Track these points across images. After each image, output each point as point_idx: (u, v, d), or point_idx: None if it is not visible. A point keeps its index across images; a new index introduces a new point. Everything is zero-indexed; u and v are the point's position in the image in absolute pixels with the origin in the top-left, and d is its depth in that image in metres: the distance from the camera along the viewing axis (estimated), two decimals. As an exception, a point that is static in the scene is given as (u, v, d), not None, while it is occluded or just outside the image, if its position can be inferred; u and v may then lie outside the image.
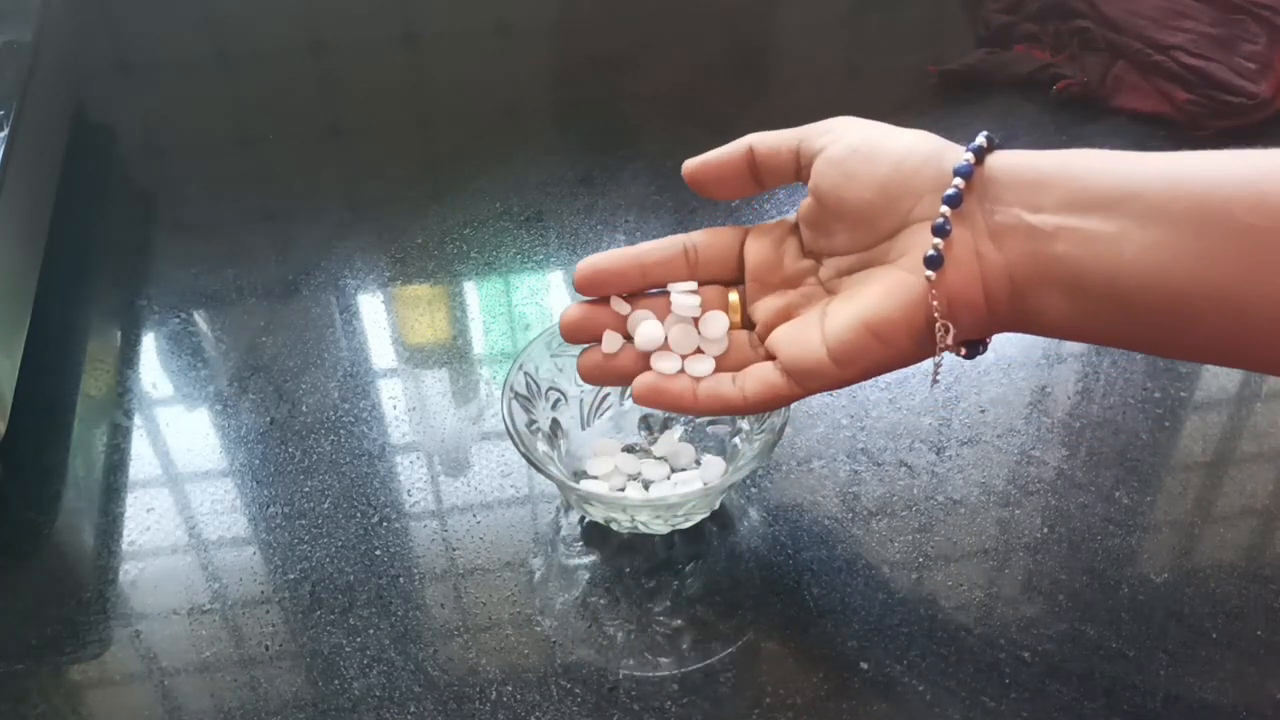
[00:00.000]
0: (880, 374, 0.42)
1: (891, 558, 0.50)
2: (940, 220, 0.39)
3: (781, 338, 0.44)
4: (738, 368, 0.45)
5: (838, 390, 0.57)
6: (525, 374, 0.51)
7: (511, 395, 0.50)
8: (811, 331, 0.42)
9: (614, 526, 0.50)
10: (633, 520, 0.49)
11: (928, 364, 0.59)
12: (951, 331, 0.40)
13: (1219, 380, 0.58)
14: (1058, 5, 0.81)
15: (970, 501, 0.52)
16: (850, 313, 0.41)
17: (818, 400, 0.57)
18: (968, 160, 0.39)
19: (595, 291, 0.46)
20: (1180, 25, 0.77)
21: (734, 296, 0.46)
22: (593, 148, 0.75)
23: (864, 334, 0.40)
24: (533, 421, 0.51)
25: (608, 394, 0.54)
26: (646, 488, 0.51)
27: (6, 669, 0.47)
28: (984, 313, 0.40)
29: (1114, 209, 0.37)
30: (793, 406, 0.56)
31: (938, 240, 0.39)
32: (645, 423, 0.55)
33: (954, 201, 0.39)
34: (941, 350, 0.40)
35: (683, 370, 0.46)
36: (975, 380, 0.58)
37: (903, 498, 0.53)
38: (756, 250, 0.46)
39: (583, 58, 0.86)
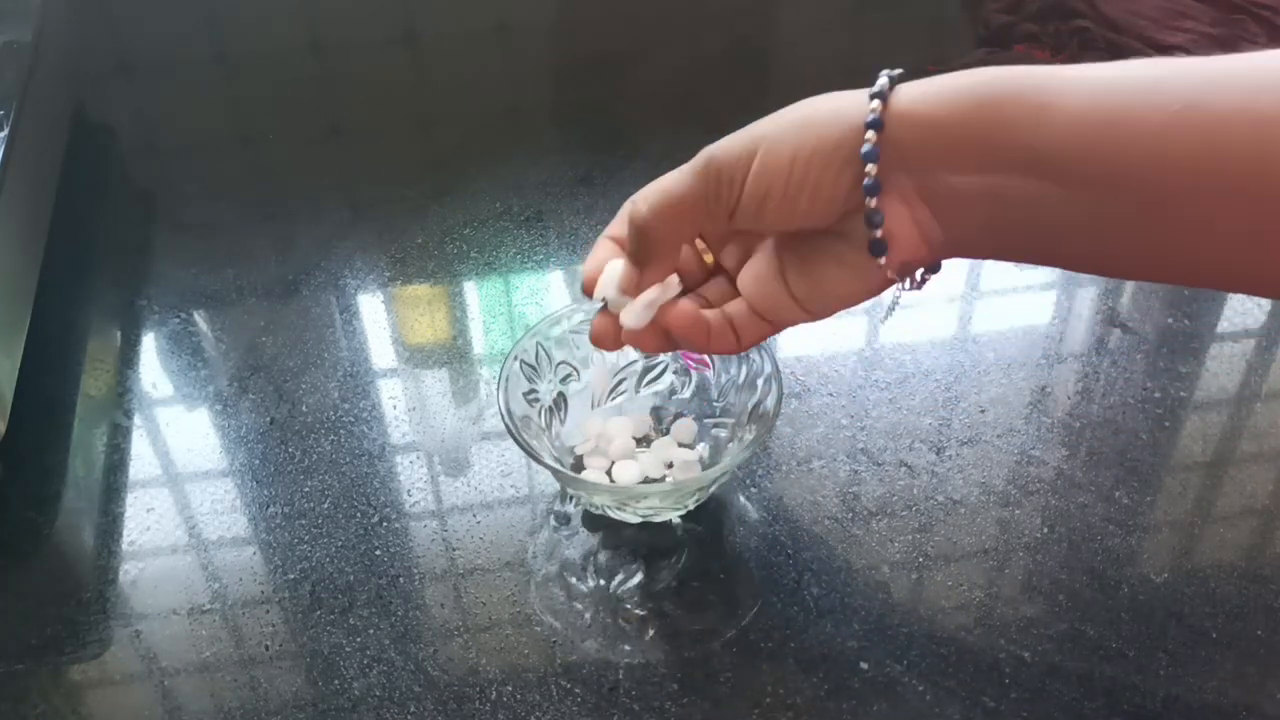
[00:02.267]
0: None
1: (891, 558, 0.50)
2: (870, 211, 0.38)
3: (748, 285, 0.44)
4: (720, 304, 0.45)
5: (837, 390, 0.57)
6: (538, 343, 0.52)
7: (517, 362, 0.51)
8: (774, 284, 0.43)
9: (612, 513, 0.51)
10: (630, 504, 0.50)
11: (927, 361, 0.59)
12: (910, 281, 0.41)
13: (1219, 380, 0.58)
14: (1058, 5, 0.81)
15: (970, 501, 0.52)
16: (811, 286, 0.42)
17: (817, 400, 0.57)
18: (870, 141, 0.38)
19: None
20: (1180, 25, 0.77)
21: (701, 245, 0.45)
22: (593, 148, 0.75)
23: (832, 303, 0.42)
24: (532, 391, 0.51)
25: (623, 379, 0.54)
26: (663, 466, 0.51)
27: (6, 669, 0.47)
28: (929, 260, 0.41)
29: (1029, 170, 0.37)
30: (793, 406, 0.57)
31: (876, 231, 0.39)
32: (656, 414, 0.55)
33: (874, 190, 0.38)
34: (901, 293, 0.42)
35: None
36: (975, 380, 0.58)
37: (903, 498, 0.53)
38: (695, 220, 0.44)
39: (583, 58, 0.86)
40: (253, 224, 0.71)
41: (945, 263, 0.42)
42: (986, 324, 0.61)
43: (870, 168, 0.38)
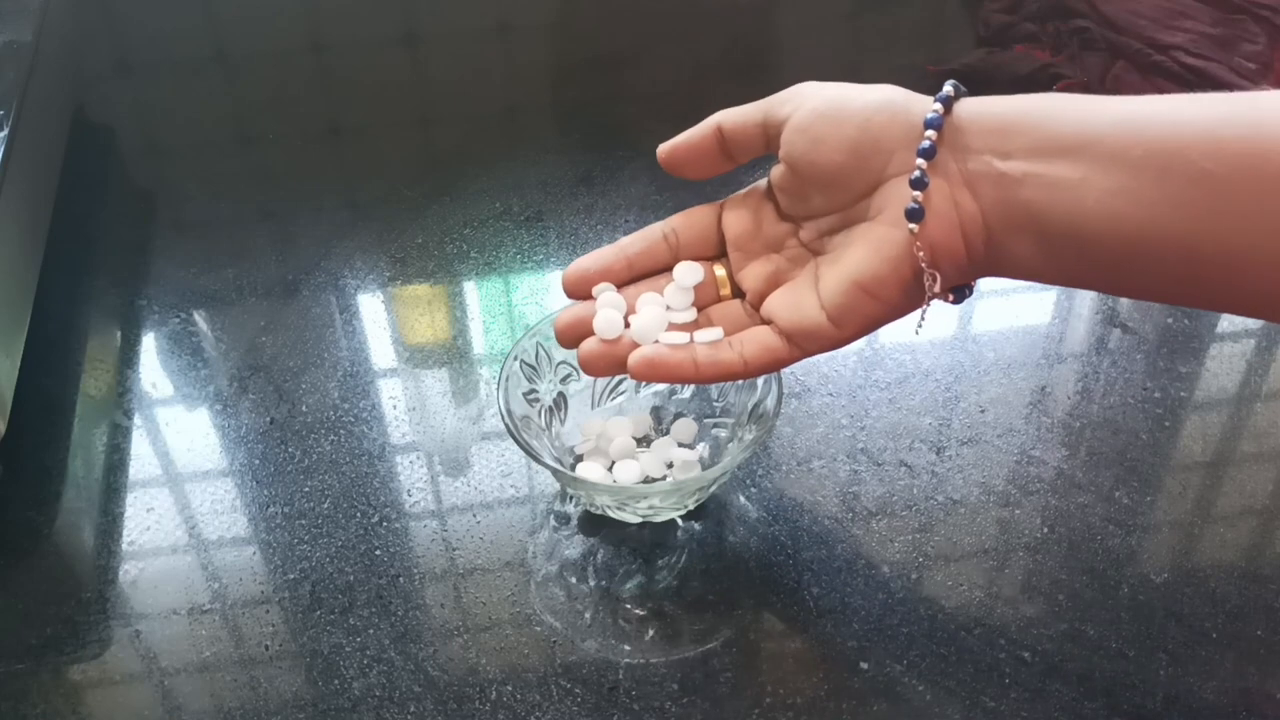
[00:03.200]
0: (876, 329, 0.43)
1: (891, 558, 0.50)
2: (917, 174, 0.40)
3: (777, 304, 0.44)
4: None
5: (837, 390, 0.57)
6: (538, 343, 0.52)
7: (517, 362, 0.51)
8: (806, 295, 0.43)
9: (612, 513, 0.51)
10: (630, 504, 0.50)
11: (927, 361, 0.59)
12: (939, 279, 0.41)
13: (1219, 380, 0.58)
14: (1058, 5, 0.81)
15: (970, 501, 0.52)
16: (841, 274, 0.42)
17: (817, 400, 0.57)
18: (937, 111, 0.40)
19: (585, 293, 0.46)
20: (1180, 25, 0.77)
21: (720, 271, 0.46)
22: (593, 148, 0.75)
23: (857, 293, 0.41)
24: (532, 391, 0.51)
25: (623, 379, 0.54)
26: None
27: (6, 669, 0.47)
28: (964, 259, 0.41)
29: (1078, 154, 0.38)
30: (793, 406, 0.57)
31: (916, 193, 0.40)
32: (656, 414, 0.55)
33: (928, 154, 0.40)
34: (930, 299, 0.41)
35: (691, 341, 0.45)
36: (975, 380, 0.58)
37: (903, 498, 0.53)
38: (734, 221, 0.46)
39: (583, 58, 0.86)
40: (253, 224, 0.71)
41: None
42: (986, 324, 0.61)
43: (930, 133, 0.40)
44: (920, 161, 0.40)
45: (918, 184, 0.40)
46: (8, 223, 0.57)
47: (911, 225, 0.40)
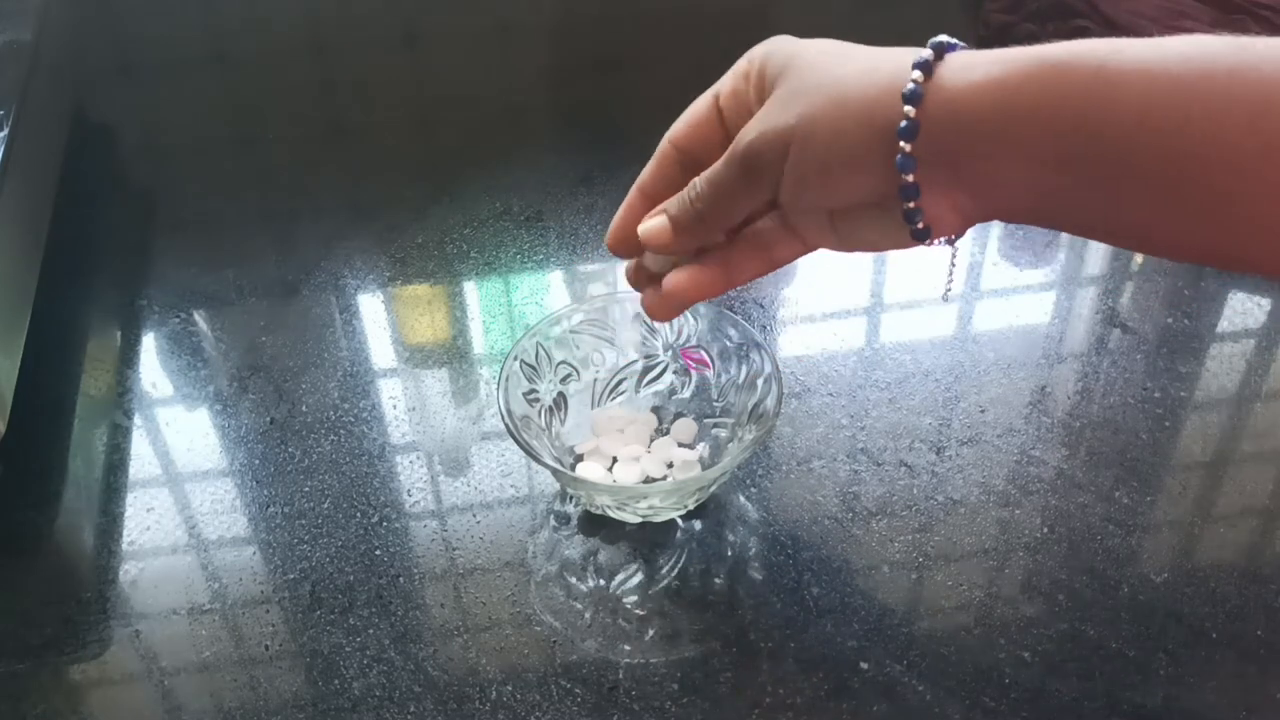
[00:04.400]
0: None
1: (891, 558, 0.50)
2: (904, 187, 0.38)
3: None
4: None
5: (837, 390, 0.57)
6: (538, 343, 0.52)
7: (517, 362, 0.51)
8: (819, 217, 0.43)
9: (612, 513, 0.51)
10: (630, 504, 0.50)
11: (927, 361, 0.59)
12: (955, 253, 0.42)
13: (1219, 380, 0.58)
14: (1058, 5, 0.81)
15: (970, 501, 0.52)
16: (851, 240, 0.42)
17: (817, 400, 0.57)
18: (909, 115, 0.38)
19: (631, 251, 0.47)
20: (1180, 25, 0.77)
21: None
22: (593, 148, 0.75)
23: (867, 249, 0.43)
24: (532, 391, 0.51)
25: (623, 379, 0.55)
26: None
27: (6, 669, 0.47)
28: (959, 228, 0.40)
29: (1065, 168, 0.36)
30: (793, 406, 0.57)
31: (909, 203, 0.38)
32: (656, 414, 0.55)
33: (908, 168, 0.38)
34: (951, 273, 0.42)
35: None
36: (975, 380, 0.58)
37: (903, 498, 0.53)
38: (737, 206, 0.45)
39: (583, 58, 0.86)
40: (253, 224, 0.71)
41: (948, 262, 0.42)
42: (986, 324, 0.61)
43: (904, 145, 0.38)
44: (906, 178, 0.38)
45: (910, 211, 0.39)
46: (8, 223, 0.57)
47: (920, 241, 0.39)
